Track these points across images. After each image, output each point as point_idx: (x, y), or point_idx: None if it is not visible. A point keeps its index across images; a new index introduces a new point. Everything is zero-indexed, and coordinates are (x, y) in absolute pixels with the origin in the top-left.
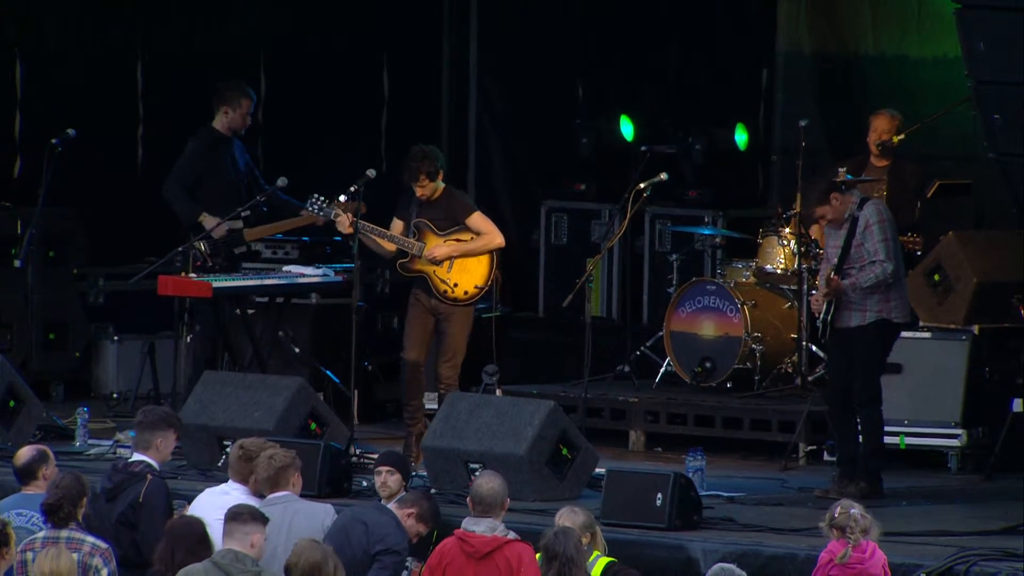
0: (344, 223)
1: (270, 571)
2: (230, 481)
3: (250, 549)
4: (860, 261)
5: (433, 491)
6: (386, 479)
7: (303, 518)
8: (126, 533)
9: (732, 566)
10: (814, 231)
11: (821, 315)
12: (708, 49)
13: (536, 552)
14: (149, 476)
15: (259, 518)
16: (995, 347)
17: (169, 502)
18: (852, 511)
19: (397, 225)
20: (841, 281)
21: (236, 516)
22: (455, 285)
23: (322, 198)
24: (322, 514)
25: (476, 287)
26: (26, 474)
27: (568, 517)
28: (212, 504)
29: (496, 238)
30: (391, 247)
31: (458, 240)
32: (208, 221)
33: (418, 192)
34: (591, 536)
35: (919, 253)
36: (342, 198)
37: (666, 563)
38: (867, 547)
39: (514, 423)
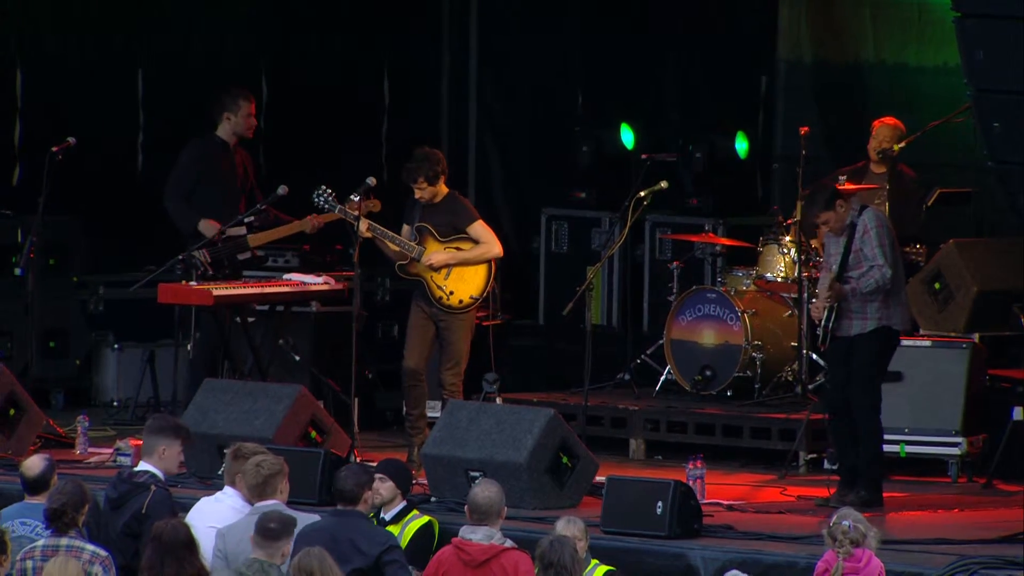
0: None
1: None
2: (225, 488)
3: (280, 559)
4: (859, 267)
5: (433, 499)
6: (378, 486)
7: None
8: (130, 543)
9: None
10: (817, 238)
11: (822, 322)
12: (708, 57)
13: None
14: (153, 487)
15: (290, 528)
16: (995, 355)
17: (173, 513)
18: (844, 523)
19: (406, 231)
20: (843, 287)
21: (268, 532)
22: (451, 293)
23: (329, 191)
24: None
25: (472, 296)
26: (39, 484)
27: (566, 527)
28: (206, 512)
29: (494, 248)
30: (395, 248)
31: (458, 248)
32: (206, 227)
33: (416, 194)
34: (586, 541)
35: (922, 264)
36: (354, 198)
37: (666, 571)
38: (862, 556)
39: (514, 431)
